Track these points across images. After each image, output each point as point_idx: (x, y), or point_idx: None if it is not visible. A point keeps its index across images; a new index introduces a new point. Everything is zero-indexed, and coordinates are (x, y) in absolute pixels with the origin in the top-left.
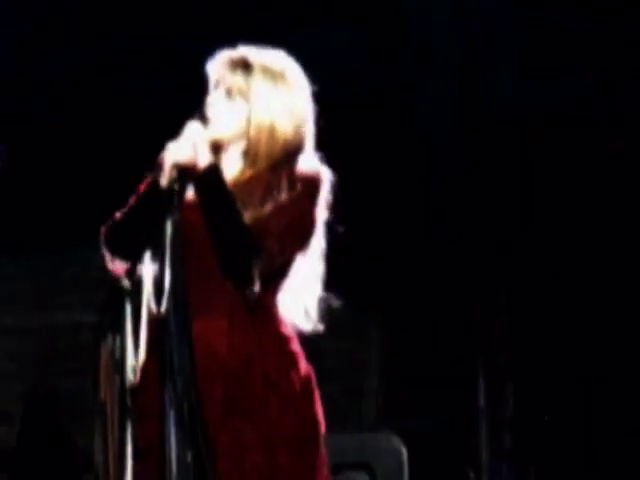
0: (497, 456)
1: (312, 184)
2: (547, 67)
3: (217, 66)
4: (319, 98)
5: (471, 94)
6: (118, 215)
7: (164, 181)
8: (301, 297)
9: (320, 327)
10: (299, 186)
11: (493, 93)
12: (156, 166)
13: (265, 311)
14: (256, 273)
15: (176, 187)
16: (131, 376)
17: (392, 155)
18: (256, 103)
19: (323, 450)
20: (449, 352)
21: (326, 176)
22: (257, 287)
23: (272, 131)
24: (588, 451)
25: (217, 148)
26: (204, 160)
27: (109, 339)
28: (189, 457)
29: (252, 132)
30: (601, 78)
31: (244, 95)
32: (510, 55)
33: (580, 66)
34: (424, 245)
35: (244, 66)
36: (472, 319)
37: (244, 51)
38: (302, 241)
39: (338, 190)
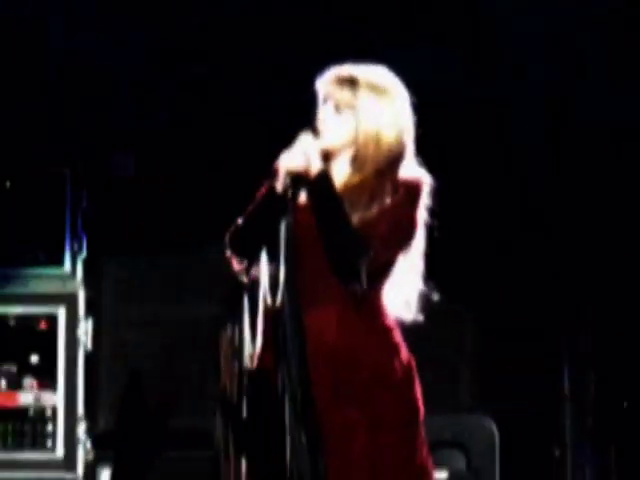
0: (580, 437)
1: (414, 189)
2: (635, 82)
3: (325, 83)
4: (420, 111)
5: (563, 109)
6: (240, 219)
7: (279, 187)
8: (403, 291)
9: (420, 317)
10: (402, 191)
11: (585, 109)
12: (272, 173)
13: (370, 304)
14: (362, 271)
15: (290, 192)
16: (249, 363)
17: (490, 164)
18: (363, 115)
19: (422, 431)
20: (538, 344)
21: (426, 181)
22: (363, 283)
23: (378, 140)
24: None
25: (327, 157)
26: (315, 167)
27: (229, 329)
28: (303, 438)
29: (360, 141)
30: None
31: (352, 108)
32: (600, 71)
33: None
34: (519, 248)
35: (350, 82)
36: (559, 316)
37: (349, 68)
38: (404, 242)
39: (440, 195)
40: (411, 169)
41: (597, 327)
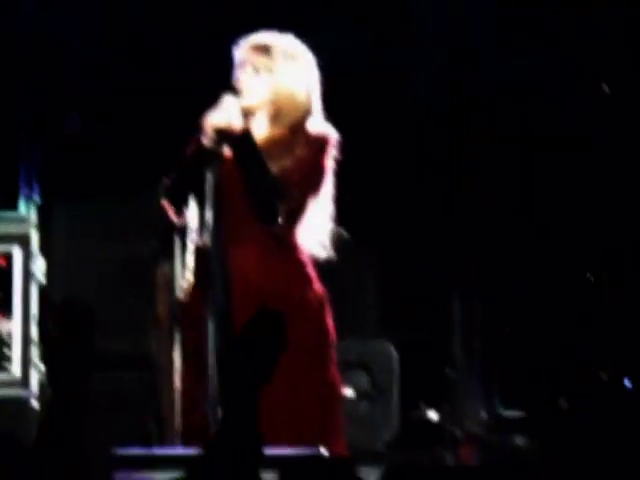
0: (468, 358)
1: (323, 141)
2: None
3: (243, 49)
4: (329, 74)
5: (459, 71)
6: (172, 170)
7: (206, 142)
8: (315, 231)
9: (333, 255)
10: (312, 143)
11: (478, 71)
12: (199, 130)
13: (287, 243)
14: (280, 213)
15: (215, 146)
16: (180, 294)
17: (393, 120)
18: (279, 76)
19: (334, 353)
20: (432, 279)
21: (333, 135)
22: (281, 224)
23: (292, 98)
24: (539, 352)
25: (247, 114)
26: (238, 124)
27: (163, 265)
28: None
29: (276, 99)
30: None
31: (269, 71)
32: (491, 37)
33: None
34: (418, 195)
35: (266, 49)
36: (450, 254)
37: (264, 36)
38: (315, 188)
39: (347, 148)
40: (319, 124)
41: (481, 264)
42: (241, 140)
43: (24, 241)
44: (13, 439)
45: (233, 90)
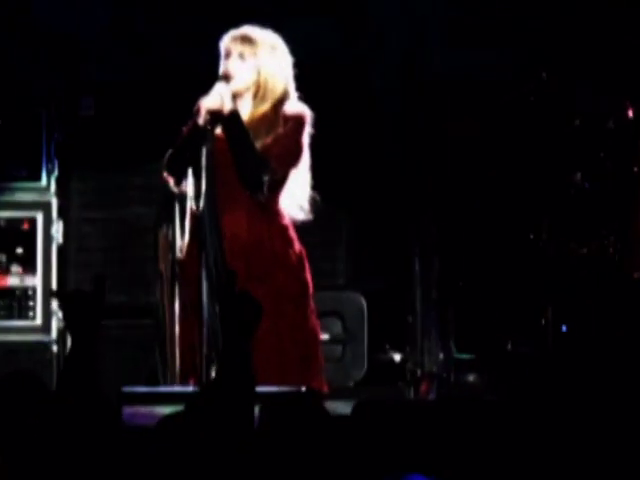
0: (427, 306)
1: (300, 119)
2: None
3: (230, 41)
4: (301, 62)
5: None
6: (171, 149)
7: (201, 122)
8: (295, 197)
9: (311, 217)
10: (291, 121)
11: (431, 61)
12: (195, 112)
13: (270, 208)
14: (264, 183)
15: (209, 126)
16: (179, 254)
17: (355, 105)
18: (262, 63)
19: (312, 303)
20: (395, 235)
21: (308, 113)
22: (265, 192)
23: (274, 81)
24: (488, 302)
25: (235, 96)
26: (228, 106)
27: (164, 227)
28: (217, 308)
29: (261, 82)
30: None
31: (254, 56)
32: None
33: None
34: (381, 162)
35: (250, 40)
36: (410, 214)
37: (248, 30)
38: (294, 160)
39: (318, 125)
40: (297, 105)
41: (439, 226)
42: (230, 120)
43: (46, 208)
44: (35, 377)
45: (224, 77)
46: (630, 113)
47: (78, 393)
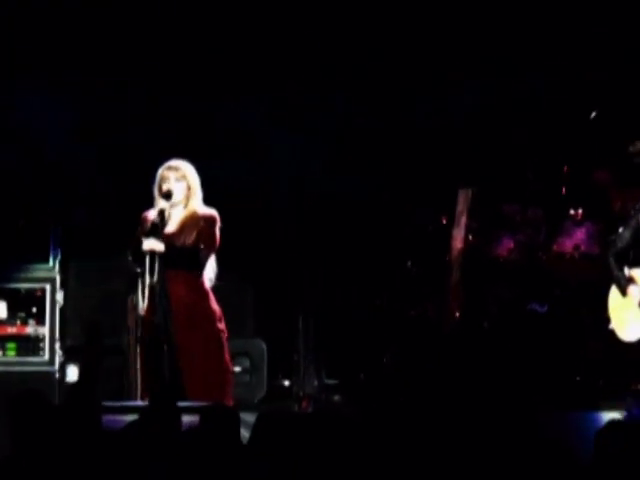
0: (306, 348)
1: (214, 218)
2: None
3: (165, 171)
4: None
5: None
6: (132, 241)
7: (145, 248)
8: (209, 272)
9: (215, 284)
10: (207, 217)
11: (319, 184)
12: (142, 221)
13: (199, 280)
14: (201, 263)
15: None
16: (141, 312)
17: (260, 217)
18: (190, 181)
19: (227, 345)
20: (285, 299)
21: (217, 214)
22: (201, 268)
23: (196, 193)
24: (348, 347)
25: (172, 206)
26: (160, 248)
27: (132, 295)
28: (165, 348)
29: (189, 194)
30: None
31: (185, 179)
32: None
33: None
34: (276, 250)
35: (178, 168)
36: (295, 285)
37: (176, 162)
38: (214, 247)
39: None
40: (206, 208)
41: (315, 293)
42: (166, 251)
43: (52, 281)
44: (42, 394)
45: (166, 194)
46: (444, 221)
47: (85, 408)
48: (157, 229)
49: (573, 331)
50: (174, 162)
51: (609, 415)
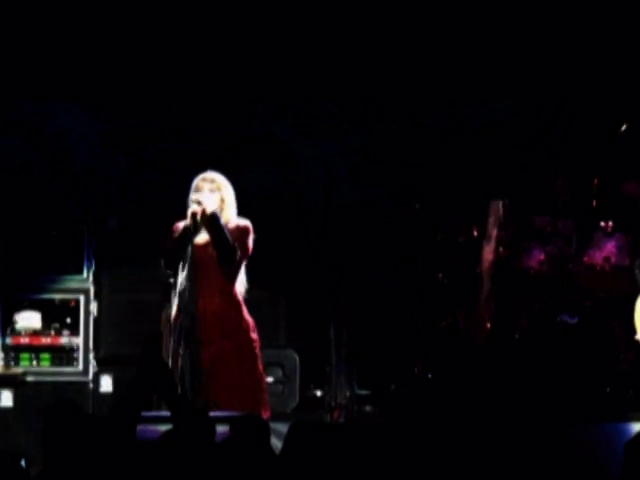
0: (338, 358)
1: (248, 229)
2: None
3: (199, 181)
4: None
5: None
6: (166, 249)
7: (188, 221)
8: (239, 287)
9: (245, 296)
10: (242, 227)
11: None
12: (187, 218)
13: (231, 291)
14: (235, 258)
15: (193, 228)
16: (172, 322)
17: (291, 227)
18: (224, 194)
19: (260, 356)
20: (317, 309)
21: (250, 224)
22: (234, 274)
23: (230, 204)
24: (381, 356)
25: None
26: (209, 209)
27: (166, 306)
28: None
29: (224, 205)
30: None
31: (219, 190)
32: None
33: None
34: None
35: (213, 180)
36: (326, 295)
37: (212, 174)
38: (246, 257)
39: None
40: (241, 219)
41: (347, 302)
42: (211, 218)
43: (86, 292)
44: (75, 404)
45: (197, 203)
46: (475, 232)
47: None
48: (189, 233)
49: (603, 343)
50: (209, 174)
51: (639, 426)
